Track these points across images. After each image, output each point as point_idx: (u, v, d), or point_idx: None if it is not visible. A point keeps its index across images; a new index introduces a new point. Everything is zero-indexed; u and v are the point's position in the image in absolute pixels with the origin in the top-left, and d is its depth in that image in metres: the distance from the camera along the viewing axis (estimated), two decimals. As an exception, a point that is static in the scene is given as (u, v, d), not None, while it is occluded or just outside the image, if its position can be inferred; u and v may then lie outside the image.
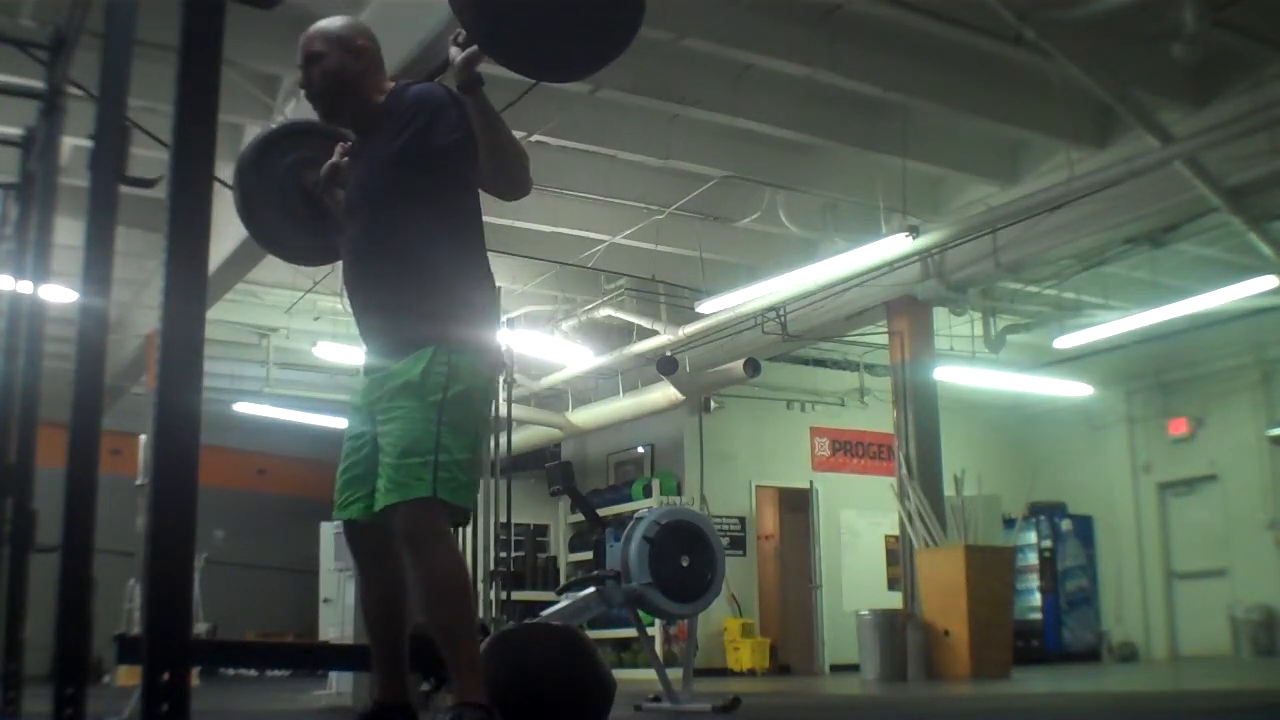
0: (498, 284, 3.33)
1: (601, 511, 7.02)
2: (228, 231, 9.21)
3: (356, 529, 3.02)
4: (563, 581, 10.57)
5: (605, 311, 11.90)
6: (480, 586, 9.21)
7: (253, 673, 13.26)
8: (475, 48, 2.75)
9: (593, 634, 11.14)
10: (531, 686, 3.58)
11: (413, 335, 2.91)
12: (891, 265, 10.07)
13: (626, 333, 12.41)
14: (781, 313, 11.19)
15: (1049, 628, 14.43)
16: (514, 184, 2.97)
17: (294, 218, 3.39)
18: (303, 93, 3.15)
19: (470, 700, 2.73)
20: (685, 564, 5.53)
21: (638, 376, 12.97)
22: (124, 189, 3.07)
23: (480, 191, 3.09)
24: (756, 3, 7.40)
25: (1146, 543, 14.43)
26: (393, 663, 3.03)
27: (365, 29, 3.18)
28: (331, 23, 3.15)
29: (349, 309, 3.17)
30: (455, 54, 2.79)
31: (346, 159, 3.19)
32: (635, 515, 5.81)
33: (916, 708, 6.79)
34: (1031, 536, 14.62)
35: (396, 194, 2.98)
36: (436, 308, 2.93)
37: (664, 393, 12.25)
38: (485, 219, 3.16)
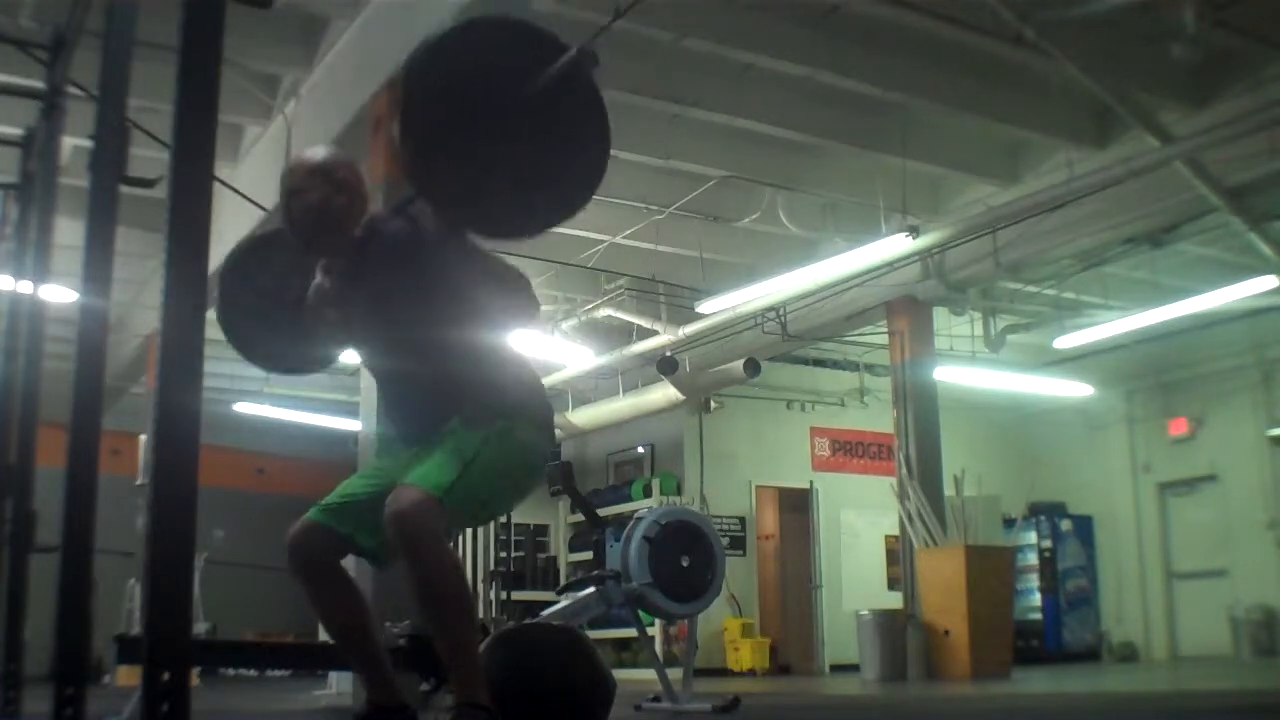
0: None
1: (601, 511, 7.02)
2: (228, 231, 9.23)
3: (315, 540, 2.97)
4: (563, 581, 10.56)
5: (605, 311, 11.89)
6: (480, 586, 9.23)
7: (253, 673, 13.25)
8: None
9: (593, 634, 11.12)
10: (531, 687, 3.57)
11: (475, 412, 2.93)
12: (891, 265, 10.07)
13: (626, 333, 12.41)
14: (781, 313, 11.19)
15: (1049, 628, 14.43)
16: (513, 313, 3.00)
17: (276, 328, 3.34)
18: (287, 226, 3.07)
19: (471, 701, 2.72)
20: (685, 564, 5.53)
21: (638, 376, 12.96)
22: (124, 189, 3.07)
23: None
24: (756, 3, 7.40)
25: (1146, 543, 14.43)
26: (374, 666, 3.02)
27: (348, 161, 3.13)
28: (314, 155, 3.09)
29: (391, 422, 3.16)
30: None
31: (328, 281, 3.13)
32: (635, 515, 5.81)
33: (916, 708, 6.79)
34: (1031, 536, 14.63)
35: (413, 319, 2.96)
36: (495, 396, 2.96)
37: (664, 393, 12.25)
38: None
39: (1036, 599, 14.58)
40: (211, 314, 2.71)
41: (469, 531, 8.82)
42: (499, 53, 2.73)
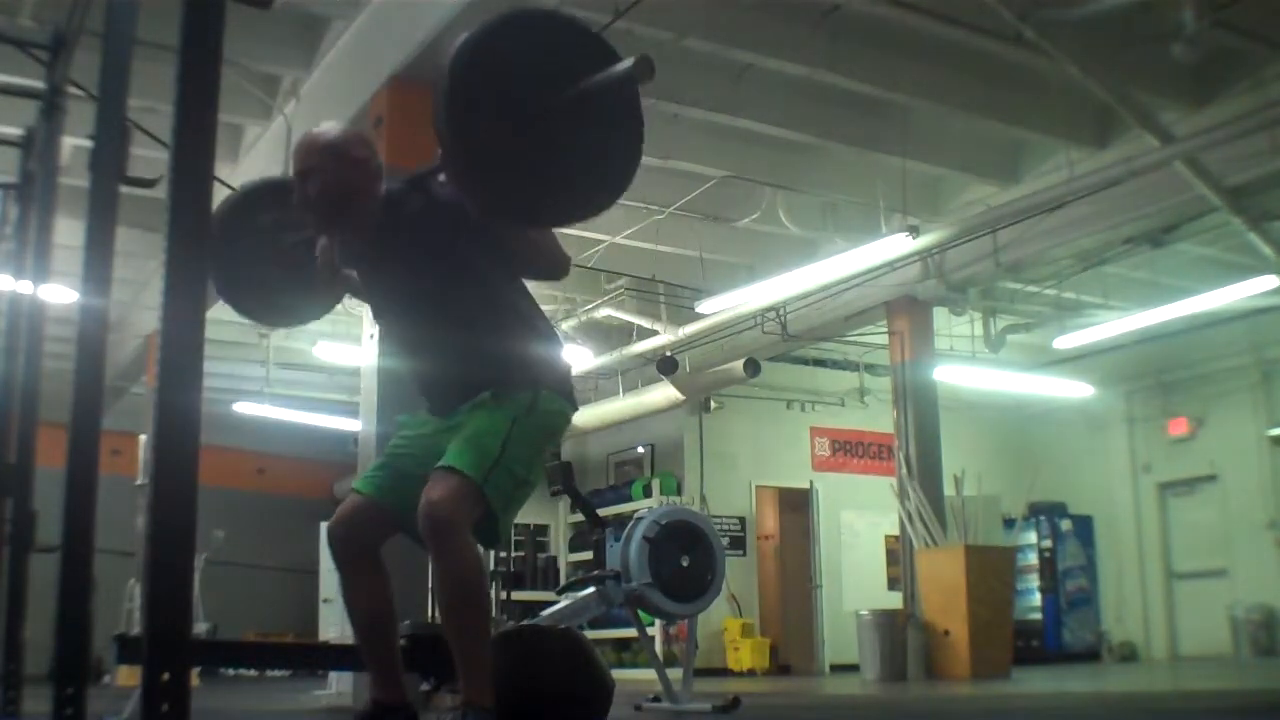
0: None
1: (601, 511, 7.01)
2: (228, 231, 9.23)
3: (363, 519, 2.98)
4: (563, 581, 10.56)
5: (605, 311, 11.89)
6: (480, 586, 9.23)
7: (253, 673, 13.26)
8: None
9: (593, 634, 11.12)
10: (530, 688, 3.57)
11: (505, 386, 2.91)
12: (891, 265, 10.07)
13: (626, 333, 12.41)
14: (781, 313, 11.19)
15: (1049, 628, 14.43)
16: (542, 275, 2.99)
17: (267, 280, 3.33)
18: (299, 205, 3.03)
19: (475, 702, 2.72)
20: (685, 564, 5.53)
21: (638, 376, 12.96)
22: (124, 189, 3.07)
23: None
24: (756, 3, 7.40)
25: (1146, 543, 14.43)
26: (387, 663, 3.02)
27: (362, 137, 3.08)
28: (326, 133, 3.03)
29: (417, 388, 3.11)
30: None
31: (333, 246, 3.11)
32: (635, 515, 5.81)
33: (916, 708, 6.79)
34: (1031, 536, 14.63)
35: (437, 294, 2.95)
36: (523, 367, 2.95)
37: (664, 393, 12.25)
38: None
39: (1036, 599, 14.58)
40: (212, 313, 2.70)
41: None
42: (545, 47, 2.68)
